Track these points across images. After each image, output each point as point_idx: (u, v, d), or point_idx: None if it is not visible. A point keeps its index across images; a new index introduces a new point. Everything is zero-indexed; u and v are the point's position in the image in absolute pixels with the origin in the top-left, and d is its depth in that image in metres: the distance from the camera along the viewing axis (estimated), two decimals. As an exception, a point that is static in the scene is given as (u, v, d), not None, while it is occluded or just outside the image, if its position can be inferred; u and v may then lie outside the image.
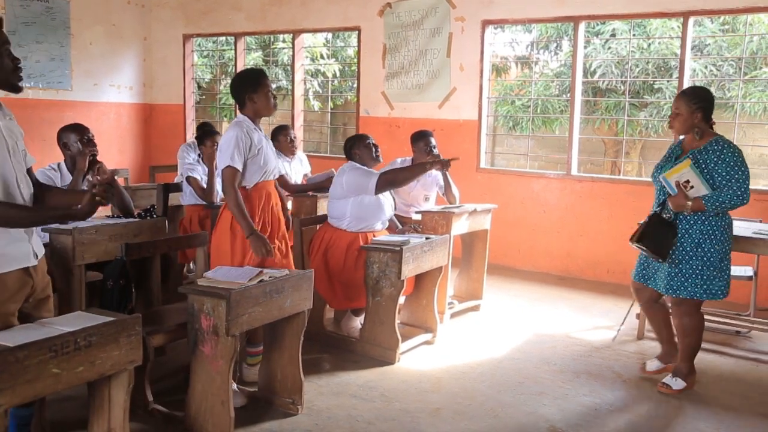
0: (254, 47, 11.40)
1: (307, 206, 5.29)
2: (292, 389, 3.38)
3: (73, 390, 2.50)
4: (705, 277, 3.54)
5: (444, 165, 4.48)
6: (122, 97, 8.88)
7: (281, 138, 5.49)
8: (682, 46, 5.86)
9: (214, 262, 3.55)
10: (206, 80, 11.51)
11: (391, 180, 4.28)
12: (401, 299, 4.32)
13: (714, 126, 3.62)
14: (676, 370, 3.77)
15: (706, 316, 4.85)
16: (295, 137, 5.61)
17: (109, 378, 2.46)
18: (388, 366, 4.03)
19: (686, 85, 5.92)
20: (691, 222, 3.53)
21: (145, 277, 3.73)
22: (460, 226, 4.88)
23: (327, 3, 7.65)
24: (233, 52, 8.69)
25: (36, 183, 2.56)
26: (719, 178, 3.45)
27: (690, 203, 3.46)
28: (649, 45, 9.44)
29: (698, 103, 3.55)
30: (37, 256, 2.44)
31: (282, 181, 5.46)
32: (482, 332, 4.75)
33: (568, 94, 6.69)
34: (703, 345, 4.52)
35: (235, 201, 3.42)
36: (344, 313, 4.54)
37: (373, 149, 4.40)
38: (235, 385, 3.49)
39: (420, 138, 5.09)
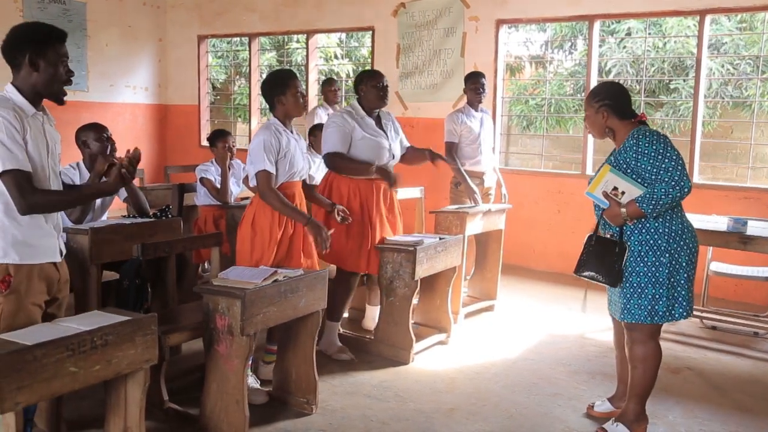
0: (268, 47, 11.43)
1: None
2: (306, 389, 3.39)
3: (90, 389, 2.52)
4: (650, 297, 2.96)
5: (388, 180, 4.10)
6: (138, 98, 8.95)
7: (318, 133, 5.60)
8: (699, 45, 5.80)
9: (238, 258, 3.58)
10: (221, 81, 11.57)
11: (335, 164, 4.06)
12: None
13: (645, 120, 3.11)
14: (622, 413, 3.17)
15: (722, 318, 4.84)
16: None
17: (125, 377, 2.48)
18: (402, 366, 4.03)
19: (703, 84, 5.87)
20: (628, 233, 3.03)
21: (160, 277, 3.75)
22: (474, 226, 4.87)
23: (341, 3, 7.67)
24: (247, 52, 8.73)
25: (63, 184, 2.73)
26: (646, 174, 2.95)
27: (624, 210, 2.96)
28: (665, 44, 9.37)
29: (600, 101, 3.08)
30: (62, 253, 2.57)
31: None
32: (496, 332, 4.74)
33: (583, 94, 6.66)
34: (721, 347, 4.51)
35: (279, 200, 3.43)
36: (361, 313, 4.53)
37: (381, 91, 4.12)
38: (257, 382, 3.50)
39: (470, 77, 5.36)
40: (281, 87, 3.49)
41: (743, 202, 5.55)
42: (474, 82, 5.31)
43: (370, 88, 4.10)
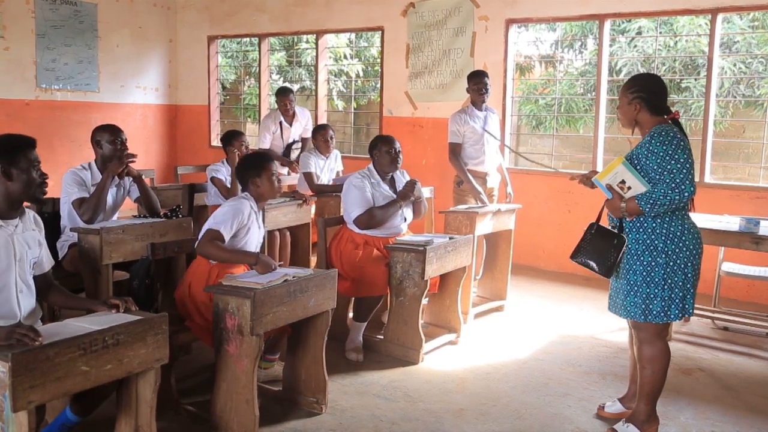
0: (278, 48, 11.46)
1: (331, 206, 5.33)
2: (316, 389, 3.39)
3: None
4: (644, 296, 2.98)
5: (408, 193, 4.26)
6: (148, 99, 8.99)
7: (318, 136, 5.68)
8: (710, 44, 5.76)
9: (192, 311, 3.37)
10: (230, 81, 11.60)
11: (367, 221, 4.16)
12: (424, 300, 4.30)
13: (678, 118, 3.07)
14: (632, 414, 3.16)
15: (734, 319, 4.81)
16: (332, 137, 5.73)
17: (136, 376, 2.49)
18: (411, 366, 4.03)
19: (714, 83, 5.82)
20: (627, 230, 3.04)
21: (170, 277, 3.77)
22: (484, 226, 4.86)
23: (350, 3, 7.67)
24: (257, 53, 8.75)
25: (47, 283, 2.79)
26: (652, 173, 2.94)
27: (624, 205, 2.96)
28: (676, 43, 9.31)
29: (636, 92, 3.03)
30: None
31: (308, 179, 5.52)
32: (506, 333, 4.73)
33: (593, 93, 6.63)
34: (733, 347, 4.48)
35: (219, 249, 3.28)
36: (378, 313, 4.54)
37: (393, 157, 4.27)
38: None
39: (473, 77, 5.33)
40: (257, 169, 3.45)
41: (755, 201, 5.51)
42: (476, 82, 5.29)
43: (384, 153, 4.29)
